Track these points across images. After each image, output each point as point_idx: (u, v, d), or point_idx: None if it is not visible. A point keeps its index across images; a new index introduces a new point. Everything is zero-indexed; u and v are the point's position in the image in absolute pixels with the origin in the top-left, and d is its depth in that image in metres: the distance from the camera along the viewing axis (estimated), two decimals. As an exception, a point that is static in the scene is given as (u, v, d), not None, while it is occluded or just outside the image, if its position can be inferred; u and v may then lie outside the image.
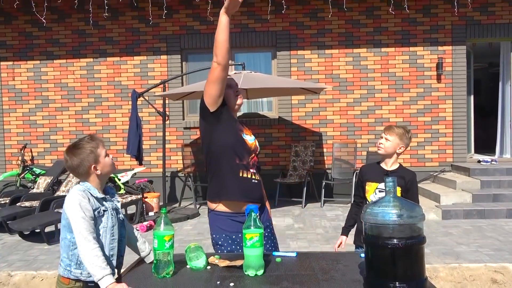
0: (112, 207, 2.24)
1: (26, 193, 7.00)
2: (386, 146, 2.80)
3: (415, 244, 1.73)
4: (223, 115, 2.48)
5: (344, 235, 2.97)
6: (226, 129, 2.50)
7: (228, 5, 2.38)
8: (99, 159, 2.20)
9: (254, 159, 2.59)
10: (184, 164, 7.97)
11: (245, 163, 2.52)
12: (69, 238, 2.14)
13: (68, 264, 2.17)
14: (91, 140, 2.23)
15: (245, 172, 2.51)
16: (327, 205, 7.62)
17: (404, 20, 8.03)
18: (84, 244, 2.03)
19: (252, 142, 2.60)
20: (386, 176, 1.84)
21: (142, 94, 6.87)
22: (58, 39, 8.31)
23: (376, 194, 2.77)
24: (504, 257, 4.65)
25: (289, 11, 7.99)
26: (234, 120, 2.55)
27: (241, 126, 2.59)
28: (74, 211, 2.08)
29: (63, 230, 2.18)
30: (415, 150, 8.09)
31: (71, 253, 2.15)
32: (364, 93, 8.11)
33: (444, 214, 6.48)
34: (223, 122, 2.49)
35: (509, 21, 7.98)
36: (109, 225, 2.19)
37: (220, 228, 2.56)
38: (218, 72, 2.38)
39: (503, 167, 7.41)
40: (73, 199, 2.11)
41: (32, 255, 5.12)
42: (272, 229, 2.75)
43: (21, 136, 8.44)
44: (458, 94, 8.06)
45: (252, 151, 2.57)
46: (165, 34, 8.22)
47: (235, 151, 2.49)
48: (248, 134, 2.60)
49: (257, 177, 2.57)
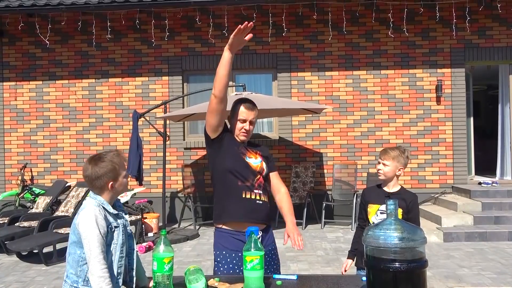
0: (122, 224, 2.19)
1: (25, 213, 6.96)
2: (385, 171, 2.81)
3: (417, 268, 1.72)
4: (224, 141, 2.62)
5: (350, 258, 2.96)
6: (227, 153, 2.62)
7: (232, 43, 2.42)
8: (118, 178, 2.16)
9: (260, 181, 2.66)
10: (184, 185, 7.95)
11: (248, 184, 2.60)
12: (79, 254, 2.08)
13: (75, 280, 2.10)
14: (116, 157, 2.18)
15: (249, 193, 2.59)
16: (328, 226, 7.57)
17: (403, 43, 8.13)
18: (95, 262, 1.99)
19: (257, 165, 2.68)
20: (387, 199, 1.84)
21: (143, 114, 6.90)
22: (61, 60, 8.40)
23: (377, 216, 2.78)
24: (506, 280, 4.60)
25: (290, 33, 8.10)
26: (236, 144, 2.66)
27: (245, 150, 2.67)
28: (89, 228, 2.02)
29: (73, 245, 2.10)
30: (415, 172, 8.08)
31: (79, 269, 2.09)
32: (364, 114, 8.15)
33: (445, 237, 6.43)
34: (224, 147, 2.63)
35: (507, 45, 8.08)
36: (119, 242, 2.15)
37: (221, 245, 2.62)
38: (214, 104, 2.51)
39: (504, 189, 7.38)
40: (89, 215, 2.05)
41: (29, 276, 5.06)
42: (276, 252, 2.77)
43: (22, 156, 8.44)
44: (458, 116, 8.09)
45: (257, 172, 2.65)
46: (167, 56, 8.31)
47: (237, 173, 2.60)
48: (252, 157, 2.68)
49: (263, 198, 2.63)
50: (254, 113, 2.68)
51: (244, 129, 2.65)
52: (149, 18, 8.04)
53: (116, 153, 2.20)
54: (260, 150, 2.77)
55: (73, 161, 8.38)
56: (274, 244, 2.78)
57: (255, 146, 2.80)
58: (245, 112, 2.65)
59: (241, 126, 2.66)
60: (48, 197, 7.22)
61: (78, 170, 8.29)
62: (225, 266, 2.58)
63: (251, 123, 2.68)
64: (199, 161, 8.23)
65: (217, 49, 8.24)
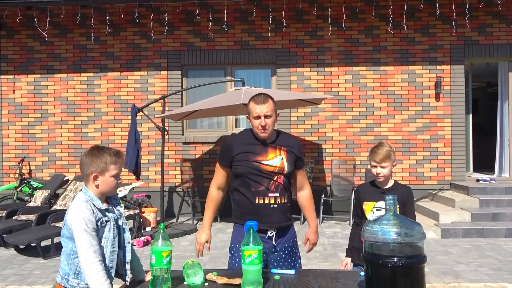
0: (114, 218, 2.21)
1: (23, 206, 6.95)
2: (385, 173, 2.80)
3: (416, 263, 1.72)
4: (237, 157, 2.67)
5: (348, 257, 2.96)
6: (241, 163, 2.64)
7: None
8: (104, 173, 2.16)
9: (278, 182, 2.64)
10: (183, 179, 7.95)
11: (262, 189, 2.61)
12: (71, 247, 2.12)
13: (66, 272, 2.14)
14: (113, 155, 2.19)
15: (262, 198, 2.61)
16: (326, 222, 7.58)
17: (403, 40, 8.11)
18: (85, 257, 2.02)
19: (276, 165, 2.64)
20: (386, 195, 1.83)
21: (141, 109, 6.89)
22: (59, 53, 8.37)
23: (374, 213, 2.78)
24: (503, 277, 4.61)
25: (289, 29, 8.07)
26: (251, 147, 2.65)
27: (263, 150, 2.65)
28: (77, 223, 2.05)
29: (64, 239, 2.15)
30: (413, 168, 8.09)
31: (70, 262, 2.13)
32: (363, 110, 8.15)
33: (443, 233, 6.45)
34: (238, 160, 2.66)
35: (507, 42, 8.07)
36: (111, 236, 2.17)
37: (236, 239, 2.69)
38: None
39: (502, 186, 7.40)
40: (76, 211, 2.08)
41: (27, 270, 5.06)
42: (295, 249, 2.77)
43: (20, 149, 8.42)
44: (457, 113, 8.09)
45: (275, 173, 2.63)
46: (166, 50, 8.28)
47: (250, 179, 2.62)
48: (272, 157, 2.64)
49: (279, 201, 2.63)
50: (267, 105, 2.59)
51: (260, 125, 2.60)
52: (148, 12, 8.00)
53: (116, 152, 2.21)
54: (286, 145, 2.70)
55: (71, 155, 8.37)
56: (294, 241, 2.77)
57: (283, 139, 2.72)
58: (257, 107, 2.60)
59: (258, 124, 2.60)
60: (46, 191, 7.21)
61: (76, 164, 8.27)
62: (237, 259, 2.65)
63: (266, 117, 2.59)
64: (198, 156, 8.23)
65: (216, 44, 8.22)
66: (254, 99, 2.64)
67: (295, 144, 2.75)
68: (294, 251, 2.75)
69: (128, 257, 2.24)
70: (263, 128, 2.60)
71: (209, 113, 7.43)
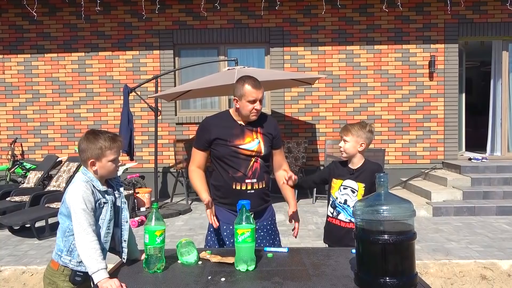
0: (112, 201, 2.23)
1: (16, 187, 6.94)
2: (346, 147, 2.73)
3: (406, 240, 1.74)
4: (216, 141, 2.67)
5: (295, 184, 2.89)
6: (218, 147, 2.67)
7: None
8: (101, 159, 2.16)
9: (255, 166, 2.67)
10: (176, 160, 7.95)
11: (240, 174, 2.63)
12: (67, 225, 2.14)
13: (60, 249, 2.18)
14: (108, 139, 2.17)
15: (239, 184, 2.64)
16: (319, 201, 7.64)
17: (397, 18, 8.05)
18: (82, 236, 2.03)
19: (253, 149, 2.67)
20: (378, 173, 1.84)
21: (134, 89, 6.83)
22: (49, 33, 8.23)
23: (340, 191, 2.75)
24: (493, 253, 4.70)
25: (283, 7, 7.97)
26: (230, 131, 2.66)
27: (241, 132, 2.67)
28: (76, 202, 2.06)
29: (62, 216, 2.17)
30: (406, 148, 8.14)
31: (65, 239, 2.16)
32: (356, 90, 8.13)
33: (434, 211, 6.53)
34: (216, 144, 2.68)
35: (501, 20, 8.03)
36: (107, 218, 2.19)
37: (215, 217, 2.68)
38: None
39: (494, 165, 7.47)
40: (76, 190, 2.09)
41: (21, 250, 5.08)
42: (274, 227, 2.84)
43: (11, 131, 8.35)
44: (450, 92, 8.11)
45: (252, 157, 2.66)
46: (158, 29, 8.17)
47: (227, 164, 2.65)
48: (249, 140, 2.67)
49: (256, 186, 2.67)
50: (262, 90, 2.66)
51: (255, 109, 2.64)
52: (139, -10, 7.86)
53: (112, 136, 2.20)
54: (262, 127, 2.73)
55: (63, 136, 8.31)
56: (272, 219, 2.83)
57: (260, 121, 2.73)
58: (254, 91, 2.62)
59: (252, 107, 2.64)
60: (40, 172, 7.19)
61: (69, 145, 8.24)
62: (216, 237, 2.69)
63: (260, 102, 2.66)
64: (191, 137, 8.21)
65: (209, 23, 8.11)
66: (250, 83, 2.64)
67: (271, 124, 2.79)
68: (272, 229, 2.82)
69: (126, 235, 2.26)
70: (257, 112, 2.66)
71: (202, 93, 7.38)
